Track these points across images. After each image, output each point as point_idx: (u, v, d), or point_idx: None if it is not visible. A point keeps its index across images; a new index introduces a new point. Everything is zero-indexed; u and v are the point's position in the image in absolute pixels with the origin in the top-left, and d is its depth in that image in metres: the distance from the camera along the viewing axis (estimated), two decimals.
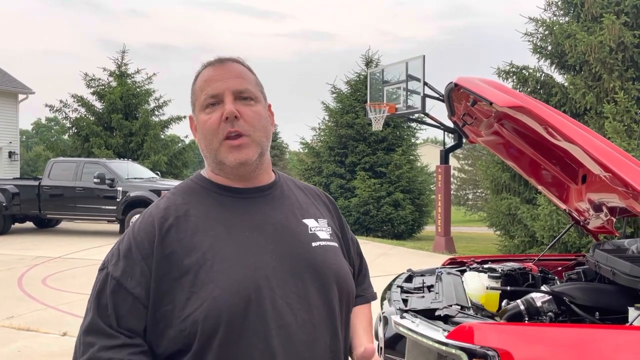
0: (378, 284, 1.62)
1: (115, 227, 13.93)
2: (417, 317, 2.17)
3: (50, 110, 19.97)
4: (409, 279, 3.01)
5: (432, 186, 18.74)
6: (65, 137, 22.85)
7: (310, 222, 1.33)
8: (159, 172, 15.92)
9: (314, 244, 1.29)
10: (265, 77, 1.40)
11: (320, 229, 1.34)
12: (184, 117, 20.97)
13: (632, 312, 2.13)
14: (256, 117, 1.27)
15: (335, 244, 1.35)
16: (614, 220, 3.02)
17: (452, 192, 18.04)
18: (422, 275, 3.05)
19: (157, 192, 12.41)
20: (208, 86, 1.27)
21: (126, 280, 1.17)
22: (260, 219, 1.27)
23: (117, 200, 12.72)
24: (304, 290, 1.23)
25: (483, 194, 27.89)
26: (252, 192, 1.30)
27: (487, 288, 2.66)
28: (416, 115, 13.46)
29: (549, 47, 10.93)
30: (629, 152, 5.48)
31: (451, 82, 2.73)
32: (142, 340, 1.18)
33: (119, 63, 20.31)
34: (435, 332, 1.99)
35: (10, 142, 20.96)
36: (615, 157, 2.07)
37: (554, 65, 11.04)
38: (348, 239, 1.46)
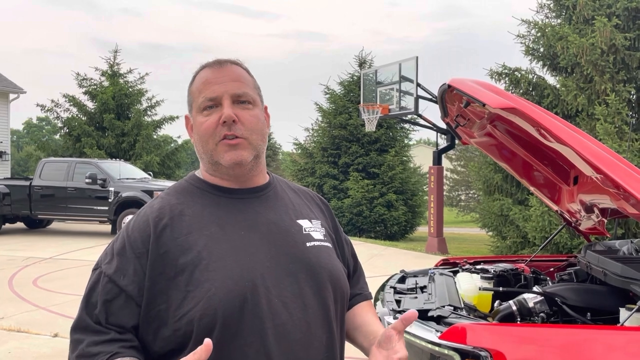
0: (371, 285, 1.62)
1: (107, 227, 13.86)
2: None
3: (41, 109, 19.86)
4: (402, 279, 3.02)
5: (424, 187, 18.80)
6: (57, 137, 22.74)
7: (304, 223, 1.34)
8: (151, 173, 15.85)
9: (308, 244, 1.30)
10: (258, 76, 1.40)
11: (314, 229, 1.35)
12: (177, 117, 20.94)
13: (623, 313, 2.14)
14: (253, 121, 1.28)
15: (329, 244, 1.36)
16: (605, 221, 3.04)
17: (444, 193, 18.08)
18: (415, 276, 3.06)
19: (150, 192, 12.37)
20: (206, 89, 1.27)
21: (119, 278, 1.18)
22: (255, 219, 1.28)
23: (109, 200, 12.66)
24: (298, 290, 1.23)
25: (475, 195, 27.98)
26: (247, 193, 1.31)
27: (479, 289, 2.67)
28: (409, 116, 13.49)
29: (541, 49, 10.99)
30: (620, 154, 5.52)
31: (444, 84, 2.74)
32: (132, 336, 1.18)
33: (111, 63, 20.23)
34: (428, 333, 1.99)
35: (1, 142, 20.80)
36: (607, 159, 2.09)
37: (546, 67, 11.10)
38: (342, 240, 1.47)
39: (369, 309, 1.46)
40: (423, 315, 2.19)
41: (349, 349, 1.44)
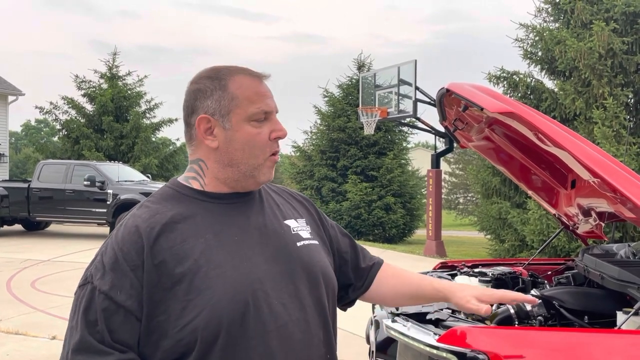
0: None
1: (105, 230, 13.84)
2: (408, 320, 2.18)
3: (40, 112, 19.89)
4: None
5: (423, 190, 18.80)
6: (55, 139, 22.72)
7: (291, 223, 1.36)
8: (149, 175, 15.84)
9: (298, 244, 1.32)
10: None
11: (301, 228, 1.36)
12: (176, 119, 20.90)
13: (620, 316, 2.15)
14: None
15: (316, 241, 1.38)
16: (603, 225, 3.06)
17: (443, 196, 18.09)
18: None
19: (148, 194, 12.32)
20: (260, 101, 1.27)
21: (116, 294, 1.14)
22: (245, 222, 1.28)
23: (108, 203, 12.64)
24: (295, 290, 1.25)
25: (474, 198, 28.00)
26: (233, 198, 1.30)
27: None
28: (407, 119, 13.51)
29: (539, 53, 11.01)
30: (617, 158, 5.54)
31: (443, 88, 2.76)
32: (135, 354, 1.15)
33: (110, 65, 20.24)
34: (427, 336, 2.00)
35: (0, 144, 20.78)
36: (604, 163, 2.10)
37: (544, 71, 11.12)
38: (328, 227, 1.48)
39: (396, 269, 1.53)
40: (421, 318, 2.20)
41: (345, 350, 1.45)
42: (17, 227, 14.36)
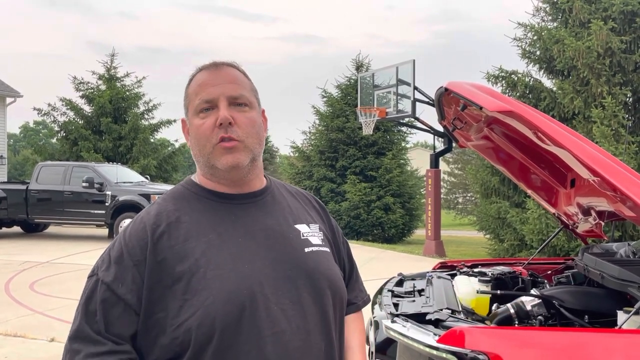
0: (369, 288, 1.61)
1: (104, 231, 13.82)
2: (408, 321, 2.17)
3: (38, 113, 19.85)
4: (399, 283, 3.02)
5: (422, 190, 18.80)
6: (54, 140, 22.65)
7: (302, 228, 1.33)
8: (148, 176, 15.82)
9: (306, 250, 1.29)
10: (257, 79, 1.39)
11: (312, 234, 1.33)
12: (174, 120, 20.90)
13: (621, 316, 2.14)
14: (250, 124, 1.26)
15: (326, 249, 1.35)
16: (603, 224, 3.05)
17: (442, 195, 18.10)
18: (412, 280, 3.06)
19: (147, 196, 12.34)
20: (202, 91, 1.26)
21: (117, 287, 1.17)
22: (252, 225, 1.26)
23: (106, 204, 12.63)
24: (297, 297, 1.22)
25: (473, 198, 28.00)
26: (244, 198, 1.30)
27: (477, 292, 2.67)
28: (406, 119, 13.51)
29: (538, 52, 11.01)
30: (616, 157, 5.53)
31: (442, 87, 2.74)
32: (130, 346, 1.17)
33: (108, 66, 20.22)
34: (426, 337, 1.99)
35: None
36: (604, 162, 2.09)
37: (542, 70, 11.12)
38: (339, 243, 1.45)
39: (357, 330, 1.42)
40: (421, 319, 2.19)
41: None
42: (16, 229, 14.35)
